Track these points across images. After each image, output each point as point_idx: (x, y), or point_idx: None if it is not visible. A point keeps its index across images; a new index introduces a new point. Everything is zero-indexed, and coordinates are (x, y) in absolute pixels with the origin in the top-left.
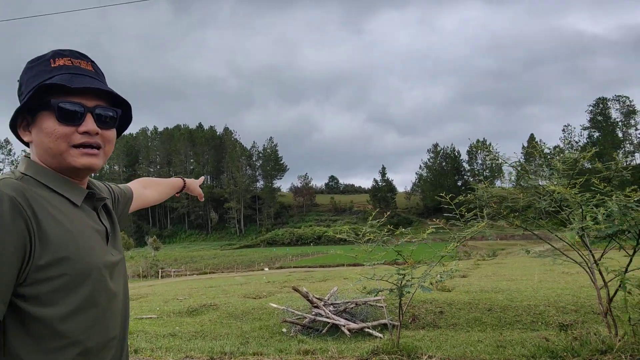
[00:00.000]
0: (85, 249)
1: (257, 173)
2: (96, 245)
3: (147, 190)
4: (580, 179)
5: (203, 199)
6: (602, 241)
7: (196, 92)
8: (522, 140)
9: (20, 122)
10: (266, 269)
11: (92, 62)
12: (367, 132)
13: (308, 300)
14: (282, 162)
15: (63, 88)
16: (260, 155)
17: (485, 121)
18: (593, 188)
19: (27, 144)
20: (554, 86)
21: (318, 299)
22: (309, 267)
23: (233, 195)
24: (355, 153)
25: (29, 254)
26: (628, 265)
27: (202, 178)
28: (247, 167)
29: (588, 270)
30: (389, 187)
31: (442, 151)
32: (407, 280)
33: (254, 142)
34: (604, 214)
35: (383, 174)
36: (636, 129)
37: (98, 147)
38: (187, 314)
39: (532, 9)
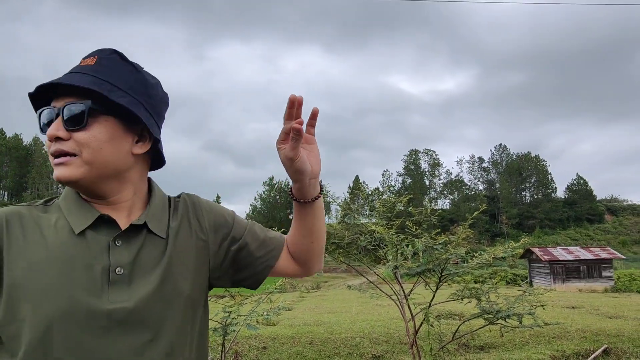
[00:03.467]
0: (48, 289)
1: None
2: (76, 285)
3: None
4: (397, 221)
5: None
6: (412, 277)
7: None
8: (348, 180)
9: None
10: None
11: (105, 56)
12: (203, 159)
13: None
14: None
15: (35, 96)
16: None
17: None
18: (407, 230)
19: None
20: (378, 135)
21: None
22: None
23: None
24: (190, 180)
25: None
26: (431, 300)
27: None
28: (59, 186)
29: (399, 304)
30: None
31: (277, 185)
32: (232, 319)
33: None
34: (411, 251)
35: (217, 203)
36: (439, 179)
37: (73, 154)
38: None
39: (363, 64)
